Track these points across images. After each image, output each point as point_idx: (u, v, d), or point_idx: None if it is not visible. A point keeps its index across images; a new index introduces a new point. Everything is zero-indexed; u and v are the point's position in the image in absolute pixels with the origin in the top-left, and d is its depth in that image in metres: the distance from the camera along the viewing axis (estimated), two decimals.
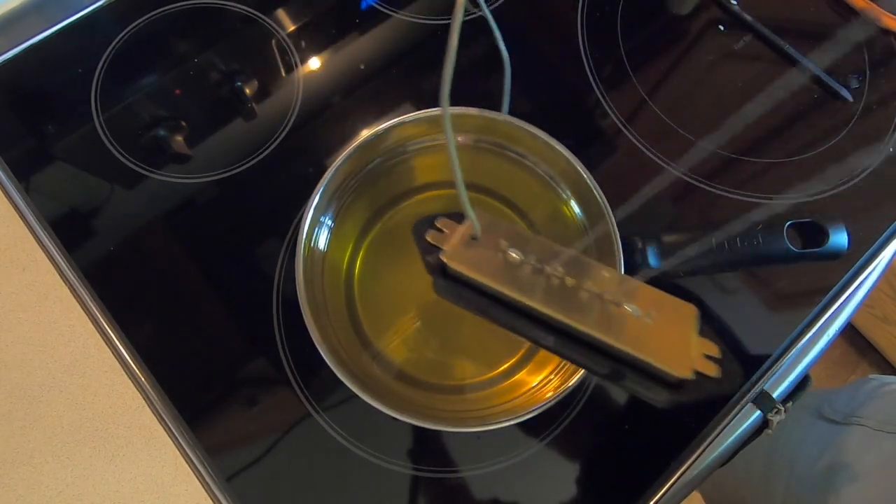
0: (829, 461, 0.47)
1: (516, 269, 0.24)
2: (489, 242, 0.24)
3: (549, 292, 0.23)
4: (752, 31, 0.50)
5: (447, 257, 0.24)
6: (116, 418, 0.38)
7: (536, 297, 0.23)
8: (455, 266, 0.24)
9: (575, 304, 0.23)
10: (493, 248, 0.24)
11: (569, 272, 0.23)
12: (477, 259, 0.24)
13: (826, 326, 0.42)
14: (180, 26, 0.47)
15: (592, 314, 0.22)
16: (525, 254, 0.24)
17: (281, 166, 0.43)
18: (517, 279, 0.23)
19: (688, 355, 0.22)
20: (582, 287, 0.23)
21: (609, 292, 0.23)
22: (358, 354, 0.36)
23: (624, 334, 0.22)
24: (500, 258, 0.24)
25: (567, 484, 0.37)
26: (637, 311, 0.22)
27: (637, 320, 0.22)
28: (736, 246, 0.36)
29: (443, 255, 0.24)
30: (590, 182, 0.36)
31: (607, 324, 0.22)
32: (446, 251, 0.24)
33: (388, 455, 0.37)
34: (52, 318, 0.40)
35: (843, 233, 0.36)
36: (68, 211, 0.41)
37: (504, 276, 0.23)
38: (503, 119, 0.37)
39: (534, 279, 0.23)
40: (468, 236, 0.25)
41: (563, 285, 0.23)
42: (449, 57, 0.18)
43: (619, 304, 0.23)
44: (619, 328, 0.22)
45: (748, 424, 0.40)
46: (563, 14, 0.50)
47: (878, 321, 1.09)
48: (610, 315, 0.22)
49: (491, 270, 0.24)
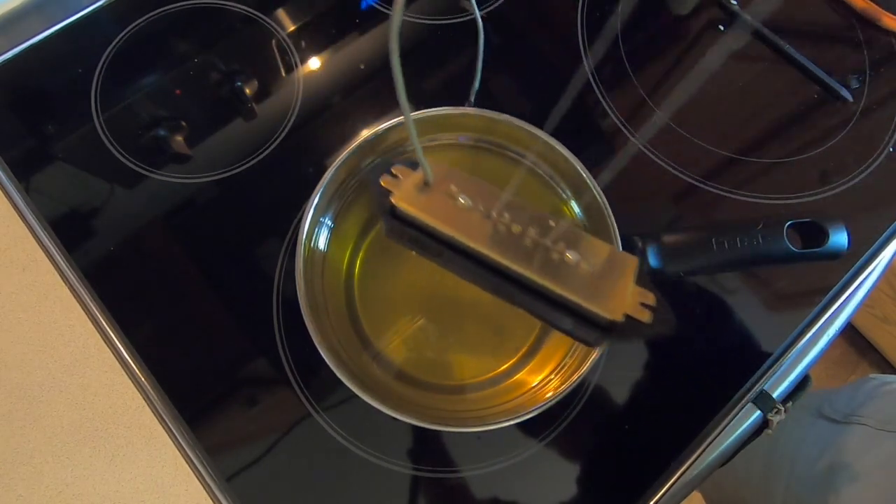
0: (830, 461, 0.47)
1: (464, 213, 0.25)
2: (441, 188, 0.25)
3: (494, 237, 0.24)
4: (752, 31, 0.50)
5: (396, 199, 0.25)
6: (116, 418, 0.38)
7: (481, 240, 0.24)
8: (404, 207, 0.25)
9: (518, 250, 0.24)
10: (443, 193, 0.25)
11: (516, 220, 0.24)
12: (426, 202, 0.25)
13: (826, 326, 0.42)
14: (180, 26, 0.47)
15: (534, 259, 0.24)
16: (474, 200, 0.25)
17: (281, 166, 0.43)
18: (464, 223, 0.24)
19: (622, 301, 0.23)
20: (527, 234, 0.24)
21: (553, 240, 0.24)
22: (358, 354, 0.36)
23: (561, 279, 0.23)
24: (449, 203, 0.25)
25: (567, 484, 0.37)
26: (577, 258, 0.24)
27: (576, 267, 0.24)
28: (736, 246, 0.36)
29: (393, 198, 0.25)
30: (590, 182, 0.36)
31: (547, 269, 0.23)
32: (396, 193, 0.25)
33: (388, 455, 0.37)
34: (52, 318, 0.40)
35: (843, 233, 0.36)
36: (68, 211, 0.41)
37: (451, 220, 0.24)
38: (503, 119, 0.37)
39: (481, 224, 0.24)
40: (420, 182, 0.25)
41: (510, 231, 0.24)
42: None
43: (562, 252, 0.24)
44: (558, 273, 0.23)
45: (748, 424, 0.40)
46: (563, 14, 0.50)
47: (878, 321, 1.09)
48: (551, 261, 0.24)
49: (439, 213, 0.25)
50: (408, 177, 0.26)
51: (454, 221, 0.25)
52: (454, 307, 0.39)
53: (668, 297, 0.41)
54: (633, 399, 0.39)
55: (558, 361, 0.36)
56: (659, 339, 0.28)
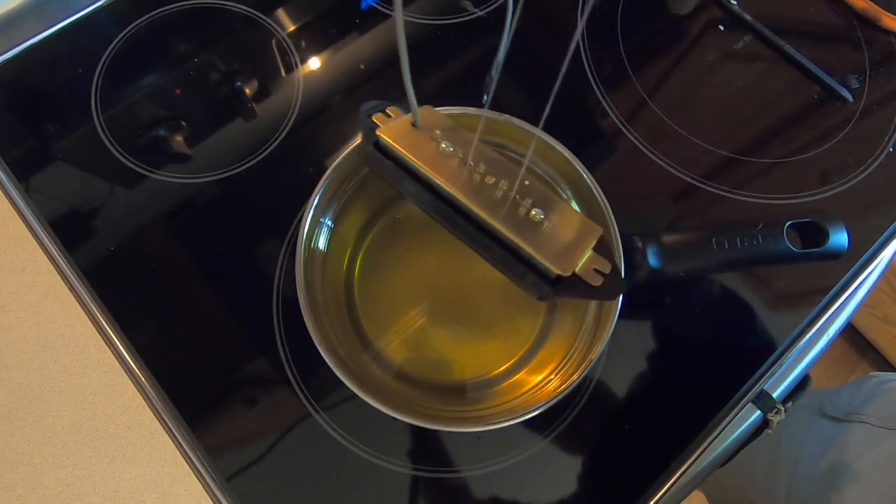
0: (832, 459, 0.47)
1: (444, 158, 0.26)
2: (427, 132, 0.27)
3: (467, 184, 0.25)
4: (752, 31, 0.50)
5: (382, 132, 0.26)
6: (116, 418, 0.38)
7: (454, 184, 0.25)
8: (388, 141, 0.26)
9: (488, 199, 0.25)
10: (428, 137, 0.26)
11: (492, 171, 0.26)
12: (410, 141, 0.26)
13: (826, 326, 0.42)
14: (180, 26, 0.47)
15: (501, 209, 0.25)
16: (455, 147, 0.26)
17: (281, 166, 0.43)
18: (441, 166, 0.26)
19: (573, 259, 0.25)
20: (499, 186, 0.25)
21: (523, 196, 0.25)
22: (358, 354, 0.36)
23: (522, 231, 0.25)
24: (431, 146, 0.26)
25: (567, 484, 0.37)
26: (540, 215, 0.25)
27: (539, 224, 0.25)
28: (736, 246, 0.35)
29: (379, 131, 0.26)
30: (590, 182, 0.36)
31: (510, 219, 0.25)
32: (383, 128, 0.27)
33: (388, 455, 0.37)
34: (52, 318, 0.40)
35: (843, 233, 0.36)
36: (68, 211, 0.41)
37: (430, 161, 0.26)
38: (503, 119, 0.37)
39: (458, 170, 0.26)
40: (409, 123, 0.27)
41: (483, 181, 0.26)
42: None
43: (528, 208, 0.25)
44: (520, 225, 0.25)
45: (748, 424, 0.40)
46: (563, 14, 0.50)
47: (878, 321, 1.09)
48: (516, 214, 0.25)
49: (419, 153, 0.26)
50: (398, 117, 0.27)
51: (432, 163, 0.26)
52: (454, 307, 0.39)
53: (668, 297, 0.42)
54: (633, 399, 0.39)
55: (558, 361, 0.36)
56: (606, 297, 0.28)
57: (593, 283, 0.25)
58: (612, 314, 0.33)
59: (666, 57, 0.49)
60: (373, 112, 0.27)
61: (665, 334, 0.41)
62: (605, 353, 0.39)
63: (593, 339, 0.34)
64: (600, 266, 0.25)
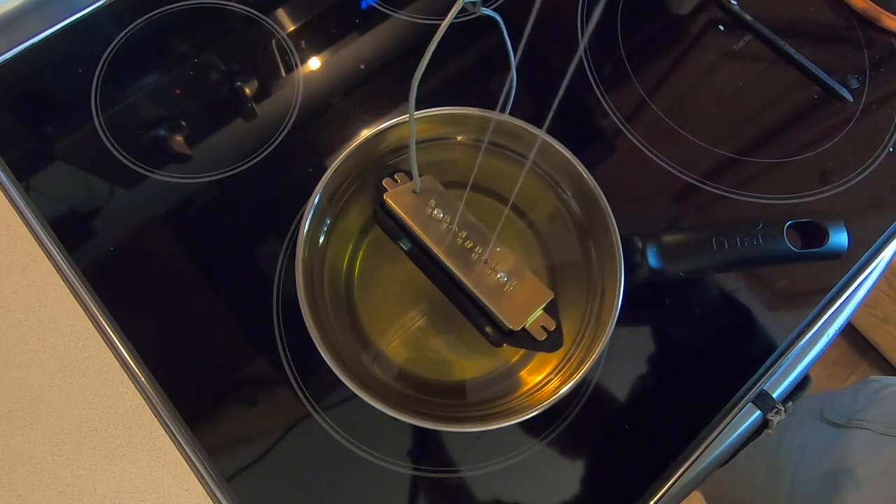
0: (833, 465, 0.47)
1: (434, 222, 0.32)
2: (424, 199, 0.32)
3: (451, 246, 0.31)
4: (752, 31, 0.50)
5: (388, 196, 0.32)
6: (116, 418, 0.38)
7: (440, 245, 0.31)
8: (391, 204, 0.32)
9: (464, 260, 0.31)
10: (424, 203, 0.32)
11: (471, 237, 0.32)
12: (409, 205, 0.32)
13: (826, 326, 0.42)
14: (180, 26, 0.47)
15: (473, 269, 0.31)
16: (445, 214, 0.32)
17: (281, 166, 0.43)
18: (431, 229, 0.32)
19: (524, 317, 0.30)
20: (475, 251, 0.32)
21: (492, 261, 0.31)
22: (358, 354, 0.36)
23: (486, 289, 0.31)
24: (426, 212, 0.32)
25: (567, 484, 0.37)
26: (504, 278, 0.31)
27: (501, 284, 0.31)
28: (736, 246, 0.36)
29: (386, 195, 0.32)
30: (590, 182, 0.36)
31: (479, 279, 0.31)
32: (390, 192, 0.32)
33: (388, 455, 0.37)
34: (52, 318, 0.40)
35: (843, 233, 0.36)
36: (68, 211, 0.41)
37: (422, 223, 0.32)
38: (503, 119, 0.37)
39: (444, 233, 0.32)
40: (411, 189, 0.32)
41: (463, 245, 0.32)
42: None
43: (495, 271, 0.31)
44: (485, 284, 0.31)
45: (748, 424, 0.40)
46: (563, 14, 0.50)
47: (878, 321, 1.09)
48: (483, 273, 0.31)
49: (415, 216, 0.32)
50: (404, 182, 0.33)
51: (424, 225, 0.32)
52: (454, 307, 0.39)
53: (668, 298, 0.42)
54: (633, 399, 0.39)
55: (558, 362, 0.36)
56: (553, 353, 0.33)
57: (538, 338, 0.31)
58: (612, 314, 0.33)
59: (666, 57, 0.49)
60: (384, 177, 0.33)
61: (665, 334, 0.41)
62: (605, 353, 0.39)
63: (593, 340, 0.34)
64: (547, 324, 0.31)
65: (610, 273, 0.35)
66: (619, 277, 0.34)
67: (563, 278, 0.39)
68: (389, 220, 0.33)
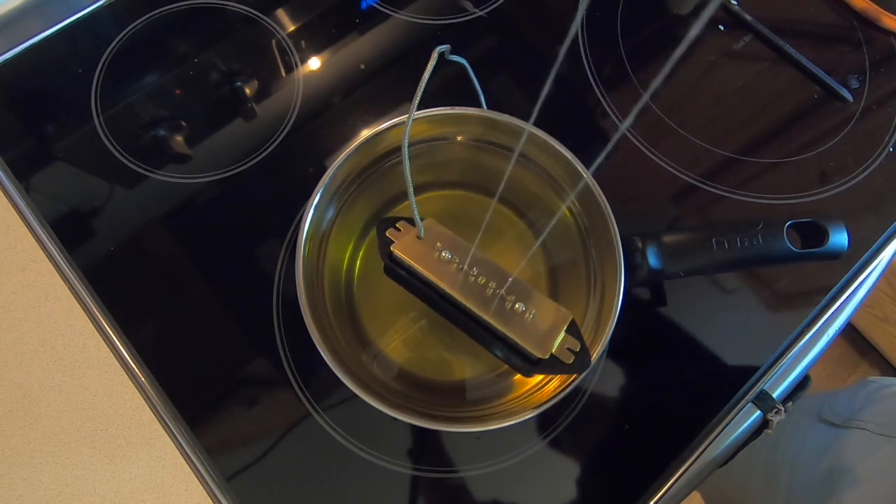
0: (830, 465, 0.47)
1: (444, 264, 0.32)
2: (430, 243, 0.32)
3: (464, 285, 0.31)
4: (752, 31, 0.50)
5: (395, 248, 0.32)
6: (116, 418, 0.38)
7: (454, 286, 0.31)
8: (400, 255, 0.32)
9: (480, 297, 0.31)
10: (431, 247, 0.32)
11: (483, 273, 0.32)
12: (417, 252, 0.32)
13: (826, 326, 0.42)
14: (180, 26, 0.47)
15: (491, 305, 0.31)
16: (454, 254, 0.32)
17: (281, 166, 0.43)
18: (443, 272, 0.32)
19: (549, 343, 0.30)
20: (489, 285, 0.31)
21: (508, 292, 0.31)
22: (358, 354, 0.36)
23: (508, 322, 0.30)
24: (434, 255, 0.32)
25: (567, 484, 0.37)
26: (522, 308, 0.31)
27: (521, 314, 0.31)
28: (736, 246, 0.36)
29: (393, 247, 0.32)
30: (590, 182, 0.36)
31: (499, 313, 0.31)
32: (396, 244, 0.32)
33: (388, 455, 0.37)
34: (52, 318, 0.40)
35: (843, 233, 0.36)
36: (68, 211, 0.41)
37: (433, 268, 0.32)
38: (503, 119, 0.37)
39: (455, 274, 0.32)
40: (416, 236, 0.32)
41: (476, 282, 0.31)
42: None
43: (513, 302, 0.31)
44: (507, 317, 0.31)
45: (748, 424, 0.40)
46: (564, 14, 0.50)
47: (878, 321, 1.09)
48: (503, 308, 0.31)
49: (425, 263, 0.32)
50: (407, 231, 0.33)
51: (435, 270, 0.32)
52: None
53: (668, 297, 0.42)
54: (633, 399, 0.39)
55: None
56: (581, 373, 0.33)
57: (566, 362, 0.30)
58: (612, 315, 0.33)
59: (666, 57, 0.49)
60: (387, 228, 0.33)
61: (665, 334, 0.41)
62: (604, 354, 0.39)
63: (593, 340, 0.34)
64: (571, 345, 0.31)
65: (610, 273, 0.35)
66: (619, 277, 0.34)
67: (563, 278, 0.39)
68: (402, 272, 0.33)
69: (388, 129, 0.36)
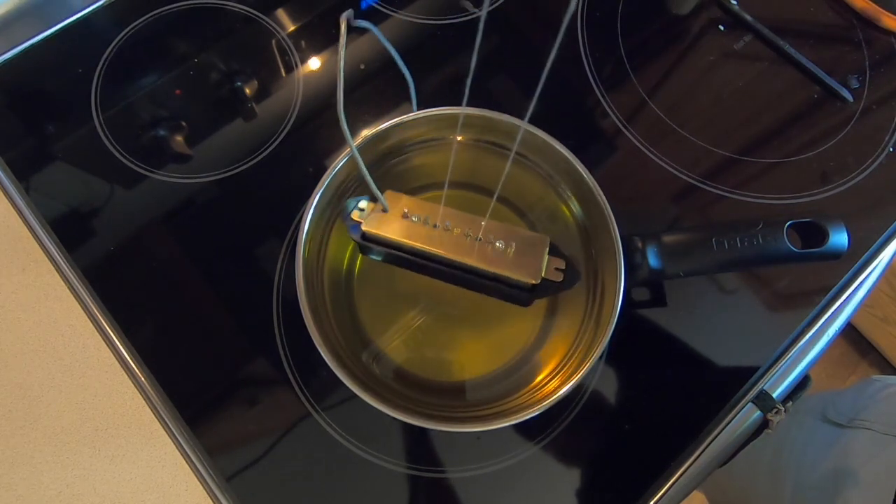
0: (835, 465, 0.47)
1: (416, 227, 0.33)
2: (397, 213, 0.34)
3: (442, 241, 0.33)
4: (752, 31, 0.50)
5: (366, 227, 0.33)
6: (116, 418, 0.38)
7: (433, 244, 0.33)
8: (372, 232, 0.33)
9: (458, 246, 0.33)
10: (399, 216, 0.34)
11: (455, 225, 0.33)
12: (387, 225, 0.33)
13: (826, 326, 0.42)
14: (180, 26, 0.47)
15: (473, 251, 0.33)
16: (422, 216, 0.33)
17: (280, 166, 0.43)
18: (419, 234, 0.33)
19: (538, 269, 0.32)
20: (465, 233, 0.33)
21: (483, 234, 0.33)
22: (358, 354, 0.36)
23: (494, 261, 0.32)
24: (404, 222, 0.33)
25: (567, 484, 0.37)
26: (502, 244, 0.33)
27: (503, 251, 0.33)
28: (736, 246, 0.35)
29: (364, 227, 0.33)
30: (590, 182, 0.36)
31: (482, 256, 0.32)
32: (365, 223, 0.33)
33: (388, 455, 0.37)
34: (52, 318, 0.40)
35: (843, 233, 0.36)
36: (68, 211, 0.41)
37: (409, 234, 0.33)
38: (503, 119, 0.37)
39: (429, 232, 0.33)
40: (380, 210, 0.34)
41: (451, 234, 0.33)
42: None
43: (492, 241, 0.33)
44: (490, 258, 0.32)
45: (748, 424, 0.40)
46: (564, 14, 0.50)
47: (878, 321, 1.09)
48: (483, 250, 0.33)
49: (399, 231, 0.33)
50: (372, 209, 0.34)
51: (411, 235, 0.33)
52: (454, 307, 0.39)
53: (668, 298, 0.42)
54: (633, 399, 0.39)
55: (558, 362, 0.36)
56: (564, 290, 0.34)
57: (556, 280, 0.32)
58: (611, 315, 0.33)
59: (666, 57, 0.49)
60: (351, 211, 0.34)
61: (665, 334, 0.41)
62: (604, 354, 0.39)
63: (593, 340, 0.34)
64: (557, 264, 0.33)
65: (610, 273, 0.35)
66: (619, 277, 0.34)
67: None
68: (380, 248, 0.34)
69: (388, 129, 0.36)
